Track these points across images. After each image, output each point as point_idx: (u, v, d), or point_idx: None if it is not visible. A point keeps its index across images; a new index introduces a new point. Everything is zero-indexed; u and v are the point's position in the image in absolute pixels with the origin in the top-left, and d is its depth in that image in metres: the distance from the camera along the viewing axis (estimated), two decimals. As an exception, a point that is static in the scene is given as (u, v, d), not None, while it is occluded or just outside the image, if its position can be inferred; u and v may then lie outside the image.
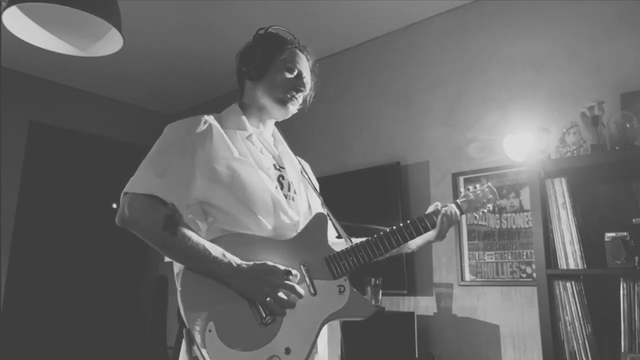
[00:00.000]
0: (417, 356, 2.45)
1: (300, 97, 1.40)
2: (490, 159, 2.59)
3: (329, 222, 1.39)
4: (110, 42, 1.70)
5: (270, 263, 1.17)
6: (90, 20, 1.59)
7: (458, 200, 1.50)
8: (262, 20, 3.06)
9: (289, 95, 1.37)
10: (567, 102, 2.37)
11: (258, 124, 1.41)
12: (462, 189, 1.53)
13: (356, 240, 1.40)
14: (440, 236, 1.42)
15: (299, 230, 1.30)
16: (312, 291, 1.22)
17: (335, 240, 1.49)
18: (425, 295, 2.73)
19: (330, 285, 1.25)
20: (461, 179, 2.70)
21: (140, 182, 1.19)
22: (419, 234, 1.39)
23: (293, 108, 1.40)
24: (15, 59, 3.63)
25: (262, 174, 1.28)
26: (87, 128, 4.24)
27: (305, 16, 3.02)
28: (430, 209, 1.44)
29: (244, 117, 1.37)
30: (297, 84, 1.38)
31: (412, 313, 2.53)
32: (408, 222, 1.38)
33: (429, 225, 1.40)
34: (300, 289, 1.18)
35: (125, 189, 1.19)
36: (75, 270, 4.05)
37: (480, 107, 2.70)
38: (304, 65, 1.41)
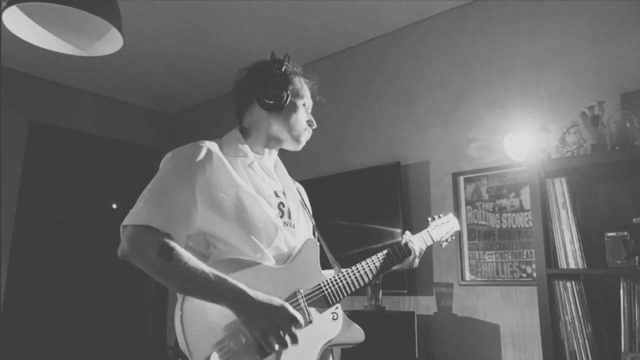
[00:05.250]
0: (417, 356, 2.45)
1: (311, 131, 1.45)
2: (490, 158, 2.59)
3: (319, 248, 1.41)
4: (110, 42, 1.70)
5: (279, 301, 1.14)
6: (90, 19, 1.59)
7: (429, 230, 1.66)
8: (262, 20, 3.08)
9: (306, 133, 1.43)
10: (567, 101, 2.37)
11: (263, 150, 1.41)
12: (429, 219, 1.74)
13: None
14: (410, 265, 1.56)
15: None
16: (309, 319, 1.22)
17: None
18: (425, 294, 2.73)
19: (325, 312, 1.27)
20: (461, 178, 2.70)
21: (137, 213, 1.16)
22: (399, 261, 1.49)
23: (305, 142, 1.45)
24: (15, 59, 3.63)
25: (264, 202, 1.28)
26: (87, 128, 4.24)
27: (305, 16, 3.02)
28: (404, 240, 1.56)
29: (246, 145, 1.36)
30: (310, 120, 1.44)
31: (412, 313, 2.53)
32: (389, 250, 1.48)
33: (406, 253, 1.51)
34: (299, 337, 1.13)
35: (124, 222, 1.17)
36: (75, 270, 4.05)
37: (480, 107, 2.70)
38: (309, 96, 1.46)
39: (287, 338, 1.11)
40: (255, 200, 1.25)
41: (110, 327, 4.15)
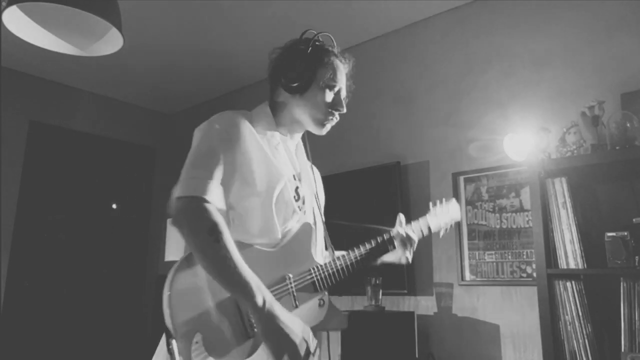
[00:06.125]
0: (417, 356, 2.45)
1: (338, 116, 1.39)
2: (490, 158, 2.59)
3: (322, 233, 1.41)
4: (110, 42, 1.70)
5: (298, 330, 1.13)
6: (90, 19, 1.59)
7: (428, 217, 1.57)
8: (262, 19, 3.08)
9: (329, 117, 1.36)
10: (567, 101, 2.37)
11: (287, 133, 1.40)
12: (430, 204, 1.63)
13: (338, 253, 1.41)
14: (401, 259, 1.49)
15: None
16: (295, 304, 1.23)
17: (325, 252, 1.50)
18: (425, 294, 2.72)
19: (312, 298, 1.27)
20: (461, 178, 2.70)
21: (189, 185, 1.16)
22: (387, 251, 1.45)
23: (329, 127, 1.39)
24: (15, 59, 3.63)
25: (286, 183, 1.29)
26: (87, 128, 4.24)
27: (305, 16, 3.02)
28: (394, 231, 1.49)
29: (274, 124, 1.35)
30: (337, 103, 1.36)
31: (412, 313, 2.53)
32: (386, 235, 1.45)
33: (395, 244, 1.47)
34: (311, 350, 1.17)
35: (178, 193, 1.16)
36: (75, 270, 4.05)
37: (481, 107, 2.70)
38: (343, 80, 1.39)
39: None
40: (282, 180, 1.27)
41: (110, 327, 4.15)
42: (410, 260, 1.48)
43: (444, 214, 1.59)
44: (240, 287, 1.10)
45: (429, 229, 1.55)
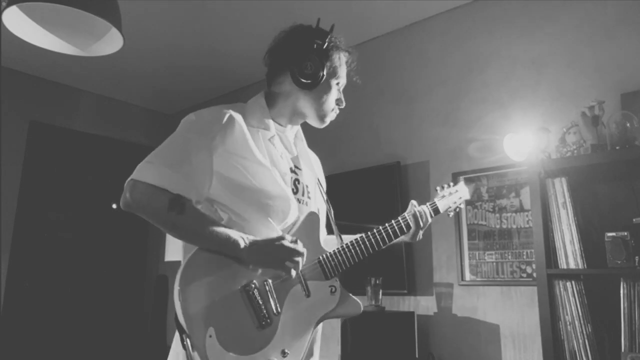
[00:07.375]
0: (417, 356, 2.45)
1: (338, 111, 1.41)
2: (490, 158, 2.59)
3: (328, 221, 1.40)
4: (110, 42, 1.70)
5: (276, 238, 1.19)
6: (90, 19, 1.60)
7: (436, 200, 1.51)
8: (262, 19, 3.08)
9: (333, 114, 1.39)
10: (567, 101, 2.37)
11: (286, 123, 1.38)
12: (437, 188, 1.57)
13: (346, 238, 1.40)
14: (413, 237, 1.45)
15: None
16: (306, 293, 1.23)
17: (327, 236, 1.48)
18: (425, 294, 2.73)
19: (323, 285, 1.27)
20: (461, 178, 2.69)
21: (149, 170, 1.14)
22: (402, 232, 1.41)
23: (329, 121, 1.41)
24: (15, 59, 3.63)
25: (280, 179, 1.26)
26: (87, 128, 4.24)
27: (306, 16, 3.01)
28: (408, 212, 1.45)
29: (270, 118, 1.33)
30: (339, 100, 1.40)
31: (412, 313, 2.53)
32: (393, 221, 1.41)
33: (409, 225, 1.43)
34: (300, 248, 1.20)
35: (133, 176, 1.14)
36: (75, 270, 4.06)
37: (481, 107, 2.70)
38: (345, 75, 1.42)
39: (292, 266, 1.19)
40: (272, 176, 1.24)
41: (111, 326, 4.15)
42: (420, 238, 1.46)
43: (452, 194, 1.53)
44: (225, 244, 1.14)
45: (439, 209, 1.49)
